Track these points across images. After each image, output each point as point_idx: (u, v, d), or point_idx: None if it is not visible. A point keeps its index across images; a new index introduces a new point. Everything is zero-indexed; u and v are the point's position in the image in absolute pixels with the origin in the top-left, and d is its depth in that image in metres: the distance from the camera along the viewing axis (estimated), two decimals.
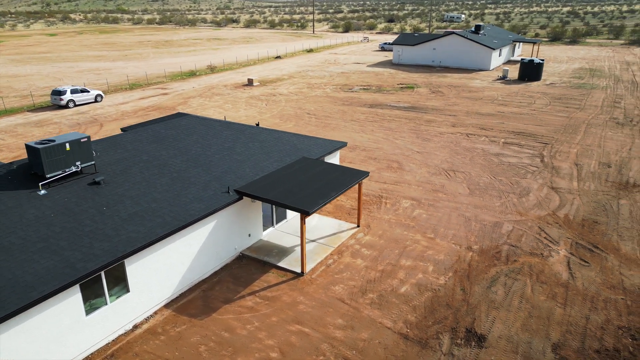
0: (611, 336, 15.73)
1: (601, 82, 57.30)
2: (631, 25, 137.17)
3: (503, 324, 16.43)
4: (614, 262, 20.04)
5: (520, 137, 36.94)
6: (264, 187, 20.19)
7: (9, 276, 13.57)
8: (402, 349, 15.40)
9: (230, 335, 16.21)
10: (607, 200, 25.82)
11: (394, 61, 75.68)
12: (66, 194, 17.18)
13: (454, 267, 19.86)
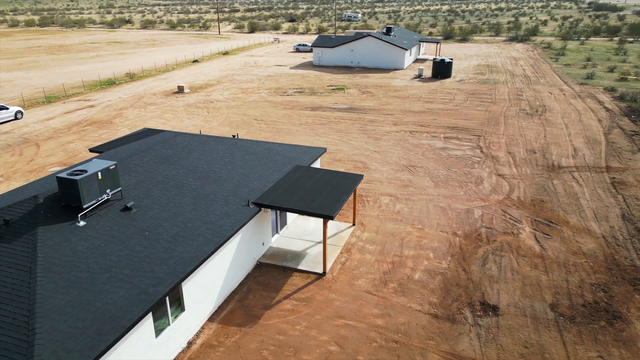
0: (588, 292, 19.81)
1: (500, 77, 65.39)
2: (504, 22, 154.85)
3: (507, 294, 19.79)
4: (569, 232, 24.61)
5: (455, 131, 41.69)
6: (279, 197, 21.53)
7: (92, 309, 13.73)
8: (437, 327, 18.01)
9: (285, 337, 17.59)
10: (544, 182, 30.90)
11: (315, 63, 78.55)
12: (104, 222, 17.14)
13: (449, 252, 22.97)
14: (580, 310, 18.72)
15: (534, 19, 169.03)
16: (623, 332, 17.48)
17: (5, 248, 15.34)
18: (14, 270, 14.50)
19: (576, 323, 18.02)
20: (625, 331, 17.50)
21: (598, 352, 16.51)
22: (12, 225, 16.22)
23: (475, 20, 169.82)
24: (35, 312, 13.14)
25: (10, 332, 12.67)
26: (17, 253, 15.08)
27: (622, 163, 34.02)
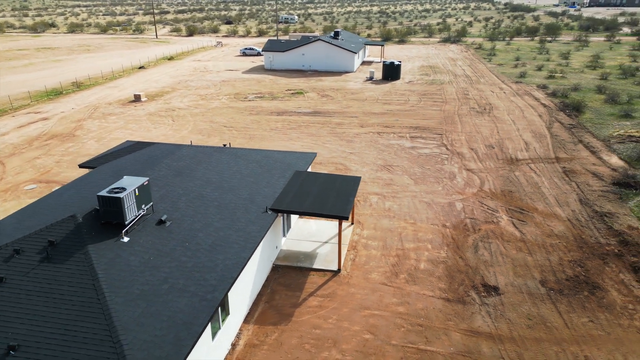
0: (568, 268, 23.05)
1: (445, 78, 70.02)
2: (434, 23, 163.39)
3: (502, 275, 22.55)
4: (539, 218, 28.02)
5: (419, 131, 44.79)
6: (292, 202, 22.93)
7: (164, 318, 14.54)
8: (452, 309, 20.33)
9: (321, 330, 19.12)
10: (507, 174, 34.48)
11: (266, 67, 79.46)
12: (145, 237, 17.72)
13: (444, 242, 25.49)
14: (565, 284, 21.84)
15: (460, 20, 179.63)
16: (603, 299, 20.74)
17: (59, 268, 15.65)
18: (77, 289, 14.92)
19: (564, 295, 21.08)
20: (605, 298, 20.77)
21: (588, 318, 19.58)
22: (58, 246, 16.47)
23: (407, 21, 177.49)
24: (114, 325, 13.79)
25: (96, 346, 13.27)
26: (74, 272, 15.46)
27: (567, 154, 38.55)
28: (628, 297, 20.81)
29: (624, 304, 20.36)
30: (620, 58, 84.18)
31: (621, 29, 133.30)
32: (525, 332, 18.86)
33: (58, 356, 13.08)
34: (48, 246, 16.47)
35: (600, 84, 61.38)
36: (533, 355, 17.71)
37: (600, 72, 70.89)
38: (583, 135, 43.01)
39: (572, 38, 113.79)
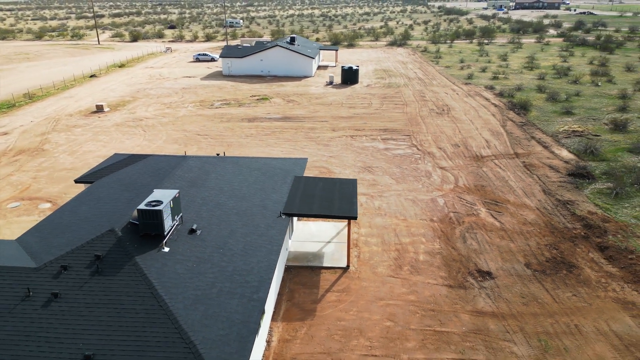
0: (546, 250, 26.22)
1: (400, 81, 73.65)
2: (377, 27, 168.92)
3: (492, 261, 25.31)
4: (512, 208, 31.27)
5: (388, 133, 47.47)
6: (302, 206, 24.48)
7: (223, 318, 15.72)
8: (456, 294, 22.74)
9: (345, 322, 20.85)
10: (476, 170, 37.77)
11: (225, 73, 79.66)
12: (182, 246, 18.65)
13: (435, 235, 27.98)
14: (546, 265, 24.94)
15: (401, 23, 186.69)
16: (580, 275, 23.97)
17: (112, 280, 16.36)
18: (136, 298, 15.75)
19: (547, 274, 24.13)
20: (582, 274, 24.01)
21: (571, 292, 22.66)
22: (105, 259, 17.11)
23: (351, 25, 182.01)
24: (182, 327, 14.83)
25: (170, 347, 14.28)
26: (129, 283, 16.24)
27: (524, 149, 42.60)
28: (600, 272, 24.18)
29: (598, 278, 23.68)
30: (552, 59, 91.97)
31: (547, 30, 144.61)
32: (522, 309, 21.60)
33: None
34: (95, 260, 17.07)
35: (540, 84, 67.29)
36: (532, 327, 20.42)
37: (537, 73, 77.43)
38: (534, 131, 47.49)
39: (507, 40, 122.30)
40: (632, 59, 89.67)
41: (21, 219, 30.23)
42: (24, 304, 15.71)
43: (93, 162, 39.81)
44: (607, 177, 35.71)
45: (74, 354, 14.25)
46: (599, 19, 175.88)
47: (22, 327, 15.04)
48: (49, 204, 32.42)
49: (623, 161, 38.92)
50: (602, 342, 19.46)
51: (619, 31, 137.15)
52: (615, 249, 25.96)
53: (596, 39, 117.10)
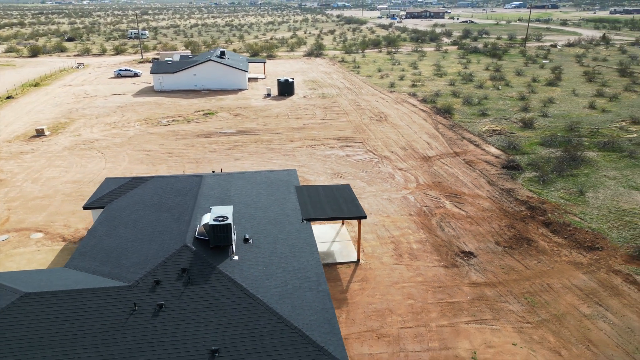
0: (507, 231, 32.33)
1: (332, 91, 78.88)
2: (288, 37, 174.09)
3: (470, 243, 30.78)
4: (470, 199, 37.35)
5: (342, 141, 52.03)
6: (316, 211, 27.92)
7: (307, 306, 18.82)
8: (452, 272, 27.72)
9: (375, 305, 24.77)
10: (429, 169, 43.69)
11: (156, 89, 78.92)
12: (245, 254, 21.24)
13: (418, 226, 32.93)
14: (511, 242, 30.99)
15: (308, 32, 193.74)
16: (538, 247, 30.30)
17: (205, 287, 18.68)
18: (233, 299, 18.30)
19: (514, 249, 30.14)
20: (539, 246, 30.36)
21: (536, 260, 28.78)
22: (190, 271, 19.28)
23: (261, 35, 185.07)
24: (284, 317, 17.77)
25: (282, 333, 17.18)
26: (221, 288, 18.70)
27: (460, 148, 49.65)
28: (551, 243, 30.75)
29: (551, 248, 30.18)
30: (455, 66, 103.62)
31: (442, 39, 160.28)
32: (505, 277, 27.17)
33: (257, 348, 16.68)
34: (182, 273, 19.18)
35: (453, 90, 76.64)
36: (517, 290, 26.00)
37: (447, 79, 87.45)
38: (462, 132, 55.11)
39: (411, 49, 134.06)
40: (518, 64, 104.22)
41: (20, 251, 29.83)
42: (135, 317, 17.52)
43: (64, 189, 39.27)
44: (532, 167, 43.58)
45: (200, 351, 16.59)
46: (482, 27, 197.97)
47: (142, 336, 16.94)
48: (41, 233, 32.10)
49: (539, 153, 47.41)
50: (570, 294, 25.57)
51: (501, 38, 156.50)
52: (556, 224, 32.91)
53: (484, 46, 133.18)
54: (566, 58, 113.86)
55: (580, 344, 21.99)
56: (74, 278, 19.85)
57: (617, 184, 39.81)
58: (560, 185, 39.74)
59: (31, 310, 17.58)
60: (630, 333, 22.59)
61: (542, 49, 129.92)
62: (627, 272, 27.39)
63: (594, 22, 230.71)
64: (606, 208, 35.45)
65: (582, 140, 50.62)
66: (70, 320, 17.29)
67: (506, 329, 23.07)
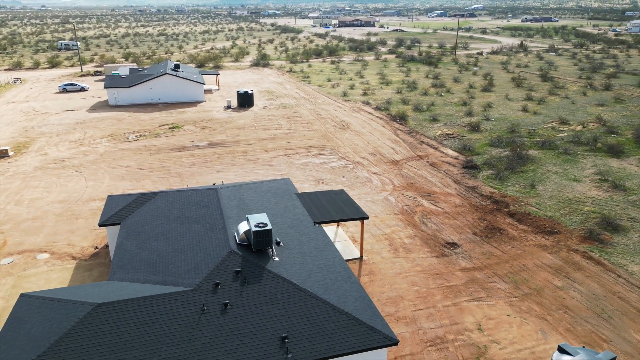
0: (480, 222, 37.03)
1: (290, 101, 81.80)
2: (228, 46, 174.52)
3: (452, 235, 35.10)
4: (442, 197, 41.93)
5: (314, 149, 55.18)
6: (323, 215, 30.90)
7: (348, 296, 21.80)
8: (443, 261, 31.78)
9: (387, 293, 28.16)
10: (400, 172, 47.98)
11: (111, 103, 77.71)
12: (280, 255, 23.80)
13: (404, 223, 36.82)
14: (485, 232, 35.70)
15: (248, 42, 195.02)
16: (508, 234, 35.22)
17: (262, 286, 21.12)
18: (288, 294, 20.89)
19: (489, 237, 34.84)
20: (509, 234, 35.29)
21: (510, 246, 33.60)
22: (243, 273, 21.60)
23: (200, 45, 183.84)
24: (335, 306, 20.66)
25: (337, 318, 20.04)
26: (274, 285, 21.22)
27: (422, 152, 54.60)
28: (518, 230, 35.84)
29: (519, 234, 35.23)
30: (397, 74, 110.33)
31: (379, 48, 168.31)
32: (488, 262, 31.65)
33: (319, 332, 19.42)
34: (236, 274, 21.45)
35: (402, 97, 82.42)
36: (501, 271, 30.52)
37: (393, 87, 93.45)
38: (420, 137, 60.30)
39: (353, 58, 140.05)
40: (453, 72, 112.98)
41: (32, 272, 30.14)
42: (206, 316, 19.63)
43: (53, 209, 39.22)
44: (488, 166, 49.24)
45: (271, 339, 19.08)
46: (412, 36, 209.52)
47: (217, 331, 19.12)
48: (46, 254, 32.37)
49: (491, 153, 53.40)
50: (543, 271, 30.48)
51: (432, 47, 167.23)
52: (519, 214, 38.20)
53: (419, 54, 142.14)
54: (493, 65, 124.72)
55: (560, 310, 26.73)
56: (132, 288, 21.47)
57: (560, 177, 46.28)
58: (514, 180, 45.51)
59: (109, 318, 19.16)
60: (596, 298, 27.71)
61: (470, 56, 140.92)
62: (583, 250, 32.91)
63: (510, 30, 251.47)
64: (555, 198, 41.44)
65: (524, 141, 57.49)
66: (148, 324, 19.10)
67: (499, 303, 27.38)
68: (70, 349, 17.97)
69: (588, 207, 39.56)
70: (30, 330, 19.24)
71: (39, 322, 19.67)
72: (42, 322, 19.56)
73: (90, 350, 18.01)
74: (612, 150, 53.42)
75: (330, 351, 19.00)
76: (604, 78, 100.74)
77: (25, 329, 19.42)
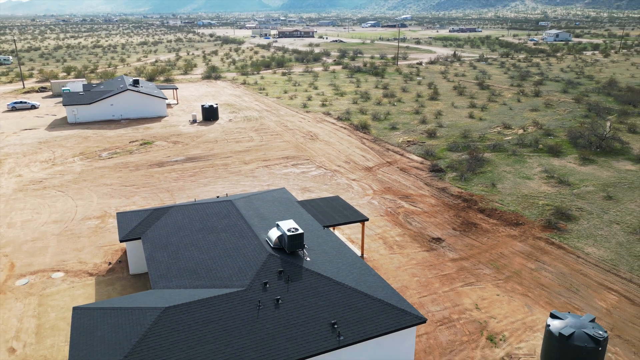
0: (456, 219, 41.88)
1: (252, 114, 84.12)
2: (173, 58, 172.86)
3: (436, 231, 39.59)
4: (418, 198, 46.52)
5: (292, 159, 58.22)
6: (328, 219, 34.21)
7: (381, 286, 25.25)
8: (433, 254, 36.08)
9: (394, 285, 31.85)
10: (375, 177, 52.20)
11: (70, 121, 76.19)
12: (311, 255, 26.82)
13: (392, 224, 40.88)
14: (463, 227, 40.53)
15: (192, 54, 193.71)
16: (482, 228, 40.26)
17: (302, 281, 24.09)
18: (328, 288, 24.00)
19: (466, 232, 39.69)
20: (482, 227, 40.35)
21: (486, 237, 38.58)
22: (286, 272, 24.44)
23: (143, 57, 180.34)
24: (370, 295, 24.02)
25: (373, 304, 23.42)
26: (314, 281, 24.24)
27: (390, 158, 59.30)
28: (489, 224, 41.03)
29: (491, 227, 40.39)
30: (348, 85, 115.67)
31: (323, 59, 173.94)
32: (471, 252, 36.35)
33: (361, 317, 22.71)
34: (279, 274, 24.25)
35: (358, 108, 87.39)
36: (484, 259, 35.26)
37: (348, 98, 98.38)
38: (385, 145, 65.14)
39: (302, 69, 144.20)
40: (399, 82, 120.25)
41: (53, 290, 30.93)
42: (263, 311, 22.31)
43: (51, 230, 39.52)
44: (451, 169, 54.73)
45: (323, 325, 22.14)
46: (353, 47, 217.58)
47: (276, 322, 21.90)
48: (61, 273, 33.10)
49: (451, 157, 59.10)
50: (517, 257, 35.60)
51: (374, 57, 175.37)
52: (488, 210, 43.55)
53: (364, 65, 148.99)
54: (433, 74, 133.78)
55: (537, 288, 31.76)
56: (185, 293, 23.66)
57: (514, 176, 52.60)
58: (477, 180, 51.19)
59: (178, 319, 21.35)
60: (564, 276, 33.08)
61: (411, 66, 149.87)
62: (546, 238, 38.55)
63: (441, 40, 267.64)
64: (514, 195, 47.38)
65: (477, 145, 63.95)
66: (214, 321, 21.50)
67: (488, 286, 31.99)
68: (152, 348, 20.05)
69: (542, 200, 45.75)
70: (104, 337, 21.01)
71: (110, 328, 21.45)
72: (113, 328, 21.37)
73: (170, 348, 20.19)
74: (553, 151, 61.01)
75: (373, 332, 22.38)
76: (532, 85, 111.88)
77: (98, 336, 21.15)
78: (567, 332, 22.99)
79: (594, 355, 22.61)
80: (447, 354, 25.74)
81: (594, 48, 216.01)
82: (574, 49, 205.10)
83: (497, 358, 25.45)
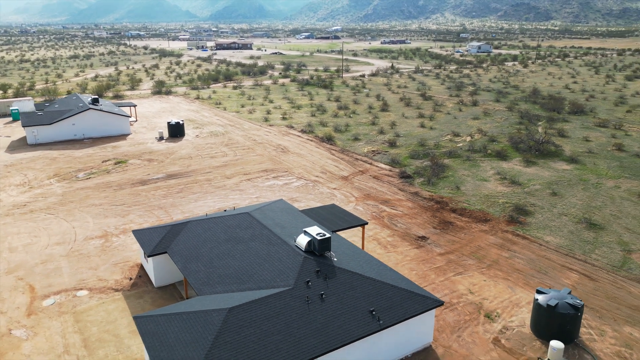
0: (434, 219, 47.31)
1: (217, 129, 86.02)
2: (114, 73, 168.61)
3: (420, 231, 44.72)
4: (396, 203, 51.62)
5: (272, 172, 61.39)
6: (333, 225, 38.17)
7: (401, 279, 29.57)
8: (423, 250, 41.09)
9: None
10: (353, 185, 56.79)
11: (30, 142, 74.18)
12: (337, 255, 30.62)
13: (381, 226, 45.51)
14: (442, 225, 46.01)
15: (132, 68, 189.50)
16: (457, 225, 45.98)
17: (338, 278, 27.91)
18: (361, 282, 27.96)
19: (445, 229, 45.20)
20: (458, 225, 46.07)
21: (463, 233, 44.26)
22: (322, 272, 28.10)
23: (81, 73, 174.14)
24: (398, 287, 28.27)
25: (403, 295, 27.68)
26: (347, 277, 28.12)
27: (361, 167, 64.26)
28: (463, 222, 46.86)
29: (465, 224, 46.23)
30: (301, 98, 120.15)
31: (268, 72, 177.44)
32: (454, 247, 41.77)
33: (392, 304, 26.88)
34: (317, 273, 27.87)
35: (318, 120, 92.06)
36: (465, 252, 40.77)
37: (306, 111, 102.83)
38: (353, 155, 70.11)
39: (252, 83, 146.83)
40: (348, 94, 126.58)
41: (85, 307, 32.29)
42: (312, 305, 25.85)
43: (56, 252, 40.20)
44: (418, 175, 60.61)
45: (363, 312, 26.08)
46: (294, 59, 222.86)
47: (324, 313, 25.52)
48: (84, 290, 34.37)
49: (414, 164, 65.12)
50: (492, 248, 41.49)
51: (318, 70, 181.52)
52: (459, 210, 49.50)
53: (310, 78, 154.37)
54: (377, 86, 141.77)
55: (514, 272, 37.64)
56: (238, 296, 26.64)
57: (473, 179, 59.39)
58: (442, 184, 57.35)
59: (244, 317, 24.39)
60: (533, 261, 39.29)
61: (355, 79, 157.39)
62: (511, 230, 44.94)
63: (376, 52, 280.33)
64: (477, 195, 53.88)
65: (434, 152, 70.67)
66: (274, 317, 24.76)
67: (475, 274, 37.42)
68: (228, 343, 22.99)
69: (501, 199, 52.57)
70: (178, 337, 23.61)
71: (180, 330, 24.07)
72: (185, 330, 24.01)
73: (243, 341, 23.23)
74: (500, 155, 68.98)
75: (404, 315, 26.67)
76: (468, 95, 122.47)
77: (172, 339, 23.71)
78: (553, 303, 28.60)
79: (575, 320, 28.37)
80: (456, 330, 30.59)
81: (513, 59, 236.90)
82: (496, 60, 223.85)
83: (496, 330, 30.66)
